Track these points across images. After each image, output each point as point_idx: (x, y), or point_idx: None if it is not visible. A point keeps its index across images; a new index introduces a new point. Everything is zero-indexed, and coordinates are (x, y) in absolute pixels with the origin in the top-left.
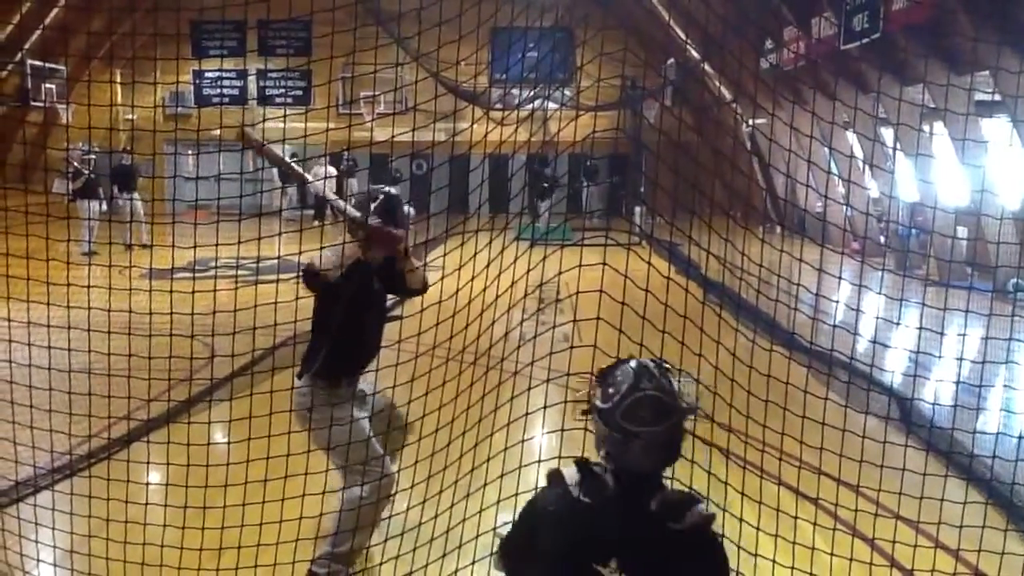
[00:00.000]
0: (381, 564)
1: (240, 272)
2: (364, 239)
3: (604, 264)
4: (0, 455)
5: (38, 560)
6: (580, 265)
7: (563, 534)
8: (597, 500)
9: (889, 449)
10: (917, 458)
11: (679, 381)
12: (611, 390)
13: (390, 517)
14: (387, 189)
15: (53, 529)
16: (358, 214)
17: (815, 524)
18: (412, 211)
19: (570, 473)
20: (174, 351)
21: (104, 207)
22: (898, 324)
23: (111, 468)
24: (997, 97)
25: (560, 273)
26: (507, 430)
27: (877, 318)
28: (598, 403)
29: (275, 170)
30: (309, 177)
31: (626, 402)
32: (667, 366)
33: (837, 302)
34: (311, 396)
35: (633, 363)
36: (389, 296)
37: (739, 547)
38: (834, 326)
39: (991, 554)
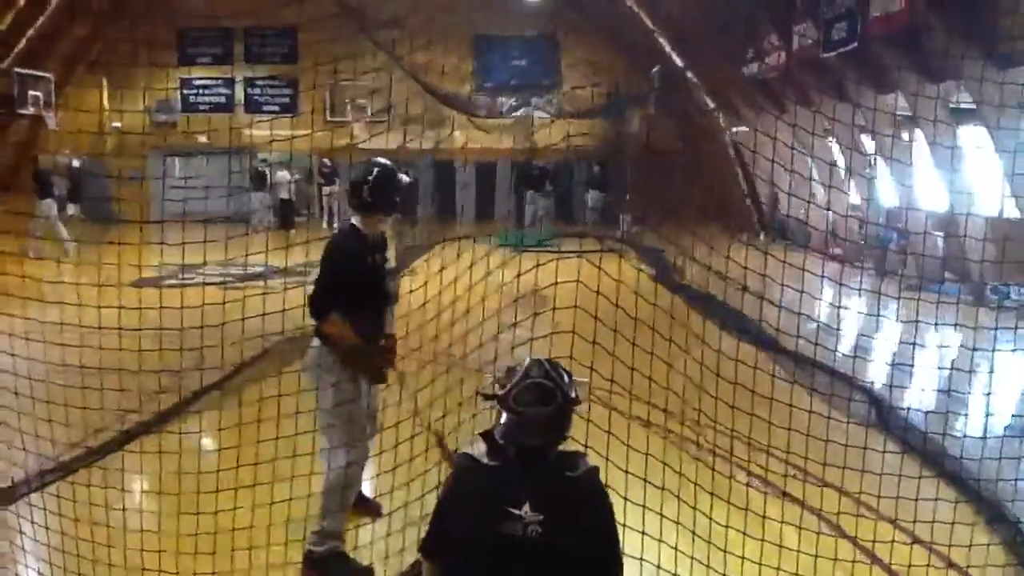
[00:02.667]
0: (370, 562)
1: (216, 278)
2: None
3: (582, 278)
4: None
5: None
6: (563, 281)
7: (479, 488)
8: (500, 462)
9: (858, 442)
10: (891, 455)
11: (572, 381)
12: (510, 380)
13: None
14: (380, 160)
15: (48, 530)
16: None
17: (781, 520)
18: (406, 178)
19: (478, 448)
20: (155, 358)
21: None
22: (874, 326)
23: (95, 474)
24: (972, 105)
25: (543, 281)
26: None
27: (854, 322)
28: (498, 392)
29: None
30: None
31: (517, 388)
32: (563, 369)
33: (806, 307)
34: (319, 355)
35: (529, 360)
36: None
37: (709, 543)
38: (789, 329)
39: (960, 543)
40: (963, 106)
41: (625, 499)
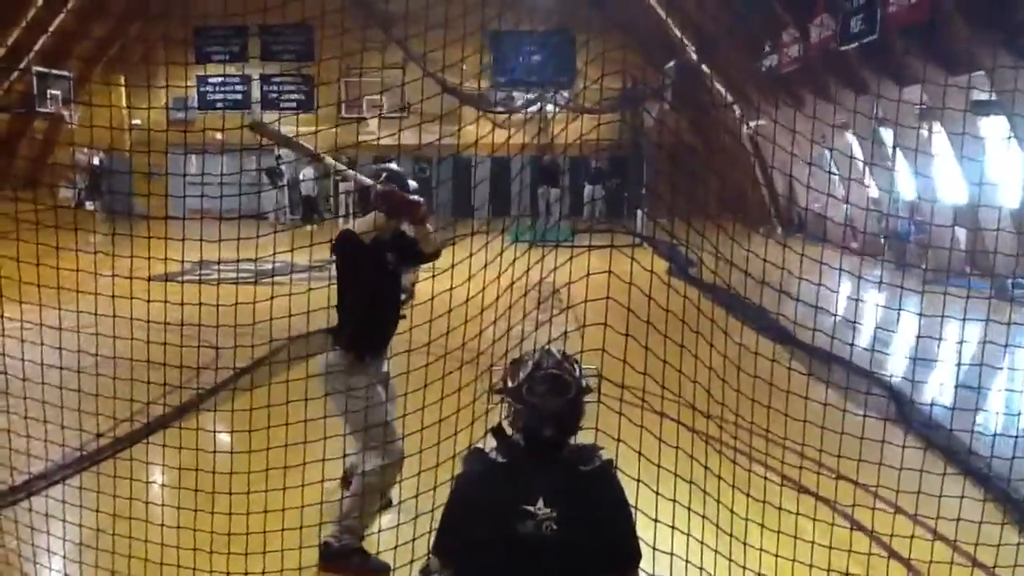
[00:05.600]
0: (396, 547)
1: (231, 274)
2: (385, 206)
3: (604, 270)
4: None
5: (49, 552)
6: (585, 277)
7: (490, 487)
8: (512, 459)
9: (880, 438)
10: (914, 451)
11: (582, 370)
12: (520, 372)
13: (400, 503)
14: (390, 165)
15: (64, 523)
16: (370, 182)
17: (801, 515)
18: (414, 183)
19: (488, 444)
20: (170, 354)
21: None
22: (895, 321)
23: (119, 465)
24: (993, 96)
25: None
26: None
27: (874, 314)
28: (509, 384)
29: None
30: (321, 155)
31: (530, 379)
32: (574, 357)
33: (829, 300)
34: (335, 362)
35: (539, 350)
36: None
37: (731, 536)
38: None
39: (987, 544)
40: (983, 97)
41: (657, 493)
